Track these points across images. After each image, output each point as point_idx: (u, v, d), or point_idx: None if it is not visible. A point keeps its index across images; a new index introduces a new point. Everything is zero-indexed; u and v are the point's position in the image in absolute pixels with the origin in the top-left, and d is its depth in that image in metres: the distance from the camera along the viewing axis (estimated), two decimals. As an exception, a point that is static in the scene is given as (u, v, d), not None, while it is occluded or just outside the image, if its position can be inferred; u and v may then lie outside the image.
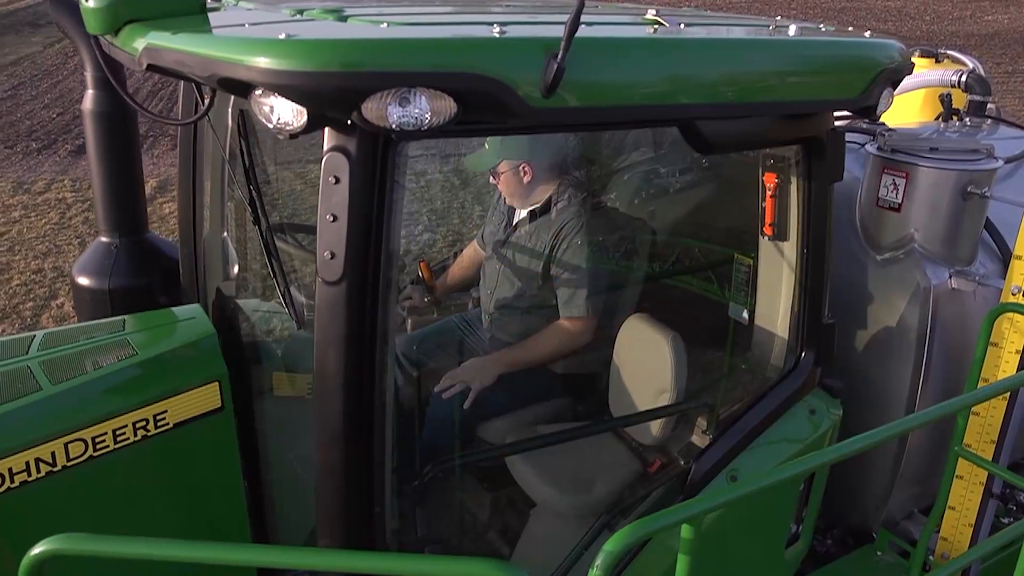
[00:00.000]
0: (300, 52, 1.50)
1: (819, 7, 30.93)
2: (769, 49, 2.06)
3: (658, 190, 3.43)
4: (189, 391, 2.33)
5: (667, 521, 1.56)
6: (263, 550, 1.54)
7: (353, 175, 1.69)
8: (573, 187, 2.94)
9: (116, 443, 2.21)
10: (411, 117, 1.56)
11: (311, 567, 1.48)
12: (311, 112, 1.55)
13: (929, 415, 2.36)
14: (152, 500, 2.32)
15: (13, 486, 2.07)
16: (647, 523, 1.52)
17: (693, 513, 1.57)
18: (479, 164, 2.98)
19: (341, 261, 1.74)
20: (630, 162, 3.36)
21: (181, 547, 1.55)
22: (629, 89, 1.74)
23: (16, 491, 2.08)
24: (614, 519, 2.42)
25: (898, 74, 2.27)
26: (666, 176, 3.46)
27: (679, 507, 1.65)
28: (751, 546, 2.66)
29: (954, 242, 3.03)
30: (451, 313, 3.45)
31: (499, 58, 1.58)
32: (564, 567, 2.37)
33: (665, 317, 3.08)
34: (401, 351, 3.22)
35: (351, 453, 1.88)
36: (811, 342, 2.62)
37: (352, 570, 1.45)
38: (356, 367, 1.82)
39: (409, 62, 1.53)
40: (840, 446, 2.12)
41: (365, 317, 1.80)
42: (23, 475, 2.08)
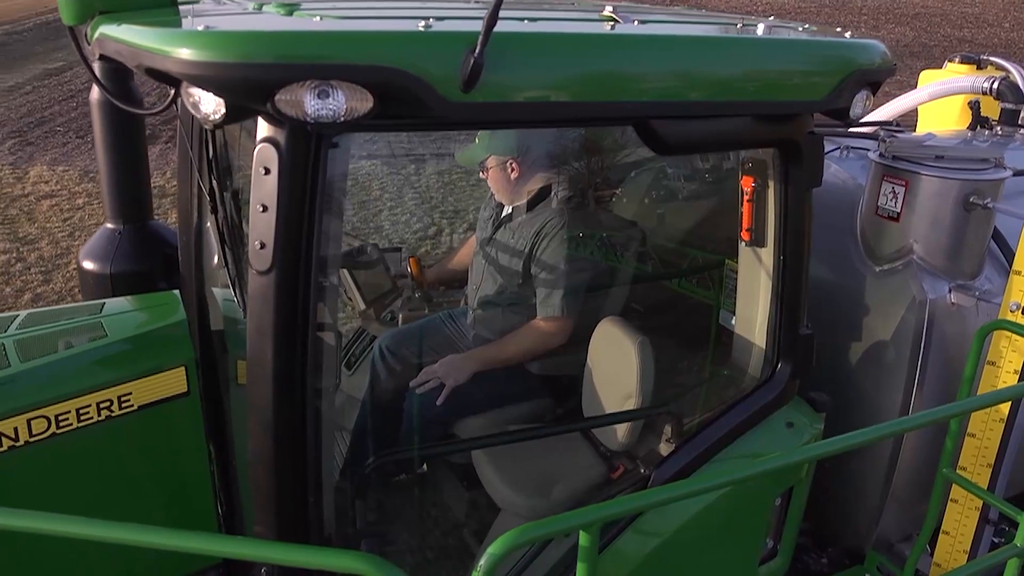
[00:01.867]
0: (214, 43, 1.52)
1: (891, 12, 30.08)
2: (723, 47, 2.00)
3: (659, 192, 3.37)
4: (155, 375, 2.38)
5: (560, 526, 1.53)
6: (126, 528, 1.52)
7: (282, 166, 1.70)
8: (560, 185, 2.92)
9: (79, 422, 2.28)
10: (327, 110, 1.56)
11: (179, 548, 1.49)
12: (228, 103, 1.56)
13: (899, 425, 2.28)
14: (114, 480, 2.38)
15: (-23, 458, 2.16)
16: (536, 527, 1.49)
17: (589, 520, 1.53)
18: (468, 158, 2.97)
19: (270, 251, 1.75)
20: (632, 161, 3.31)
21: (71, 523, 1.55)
22: (561, 86, 1.70)
23: (-20, 463, 2.16)
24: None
25: (875, 76, 2.17)
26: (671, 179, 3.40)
27: (576, 512, 1.61)
28: (717, 559, 2.59)
29: (957, 255, 2.90)
30: (443, 309, 3.45)
31: (416, 52, 1.57)
32: (514, 571, 2.35)
33: (653, 321, 3.03)
34: (387, 345, 3.24)
35: (282, 442, 1.89)
36: (788, 353, 2.54)
37: (223, 555, 1.46)
38: (287, 356, 1.83)
39: (323, 54, 1.54)
40: (784, 455, 2.05)
41: (296, 306, 1.81)
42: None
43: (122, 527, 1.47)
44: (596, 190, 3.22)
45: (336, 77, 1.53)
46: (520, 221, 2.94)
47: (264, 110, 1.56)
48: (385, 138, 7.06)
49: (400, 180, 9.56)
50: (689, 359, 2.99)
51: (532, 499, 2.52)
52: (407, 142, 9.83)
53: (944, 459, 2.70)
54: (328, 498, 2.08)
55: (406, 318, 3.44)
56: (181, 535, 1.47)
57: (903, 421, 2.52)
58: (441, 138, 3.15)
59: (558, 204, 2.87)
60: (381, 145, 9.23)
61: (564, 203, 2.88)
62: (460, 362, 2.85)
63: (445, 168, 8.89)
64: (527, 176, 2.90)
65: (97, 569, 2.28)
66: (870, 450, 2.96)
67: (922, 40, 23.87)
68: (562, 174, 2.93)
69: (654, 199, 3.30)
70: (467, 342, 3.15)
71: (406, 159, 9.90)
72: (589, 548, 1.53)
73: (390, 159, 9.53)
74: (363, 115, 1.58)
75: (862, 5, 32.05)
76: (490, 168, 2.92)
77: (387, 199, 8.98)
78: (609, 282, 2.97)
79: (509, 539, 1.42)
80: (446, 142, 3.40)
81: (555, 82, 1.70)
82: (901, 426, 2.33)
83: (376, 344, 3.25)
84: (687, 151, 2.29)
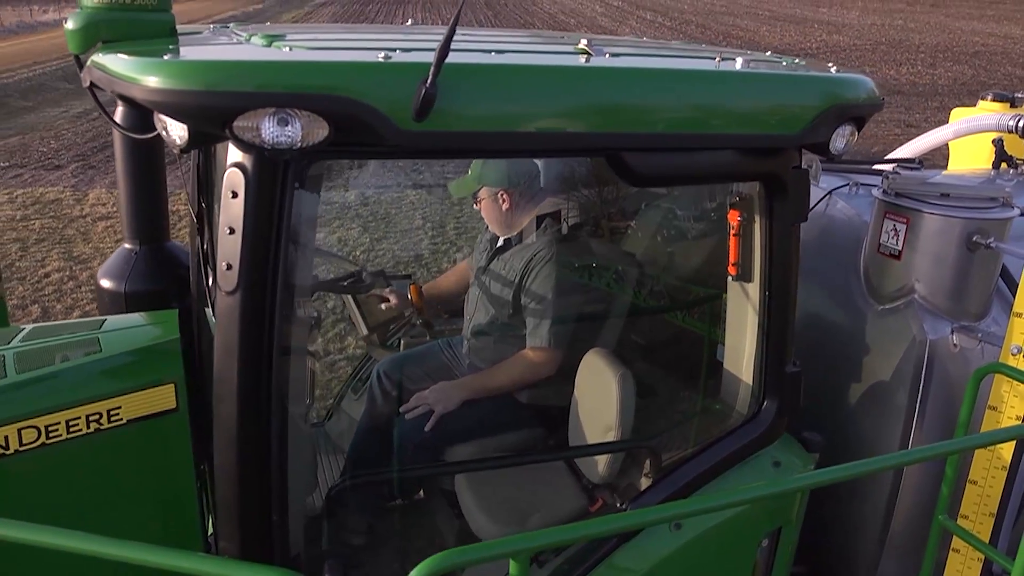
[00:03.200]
0: (176, 72, 1.59)
1: (949, 50, 29.57)
2: (692, 80, 2.01)
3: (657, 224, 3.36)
4: (145, 390, 2.45)
5: (488, 553, 1.52)
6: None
7: (248, 191, 1.76)
8: (551, 216, 2.94)
9: (68, 433, 2.35)
10: (284, 137, 1.62)
11: (68, 549, 1.51)
12: (191, 129, 1.63)
13: (881, 463, 2.22)
14: (100, 492, 2.44)
15: (-33, 465, 2.24)
16: (463, 552, 1.49)
17: (519, 548, 1.52)
18: (461, 189, 3.02)
19: (236, 272, 1.81)
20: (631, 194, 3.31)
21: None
22: (515, 117, 1.74)
23: (-32, 469, 2.25)
24: (543, 554, 2.36)
25: (857, 112, 2.15)
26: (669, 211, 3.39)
27: (506, 540, 1.60)
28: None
29: (961, 295, 2.82)
30: (444, 336, 3.48)
31: (370, 82, 1.62)
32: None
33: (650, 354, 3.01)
34: (385, 370, 3.29)
35: (246, 460, 1.93)
36: (774, 390, 2.50)
37: (136, 562, 1.49)
38: (252, 375, 1.88)
39: (279, 83, 1.60)
40: (750, 487, 2.02)
41: (262, 327, 1.86)
42: (-24, 454, 2.25)
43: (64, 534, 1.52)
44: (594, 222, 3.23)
45: (292, 105, 1.59)
46: (512, 251, 2.97)
47: (224, 136, 1.62)
48: (387, 166, 7.23)
49: (409, 207, 9.77)
50: (682, 393, 2.96)
51: (507, 528, 2.51)
52: (414, 170, 10.08)
53: (940, 506, 2.61)
54: (296, 518, 2.12)
55: (407, 344, 3.49)
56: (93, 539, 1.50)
57: (886, 458, 2.45)
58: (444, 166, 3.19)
59: (549, 235, 2.89)
60: (388, 172, 9.49)
61: (555, 234, 2.90)
62: (450, 389, 2.87)
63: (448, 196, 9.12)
64: (518, 207, 2.94)
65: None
66: (866, 494, 2.88)
67: (980, 79, 23.37)
68: (553, 206, 2.96)
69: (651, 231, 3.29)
70: (462, 370, 3.17)
71: (412, 187, 10.13)
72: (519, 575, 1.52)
73: (392, 187, 9.78)
74: (319, 142, 1.63)
75: (919, 43, 31.60)
76: (482, 199, 2.96)
77: (396, 225, 9.20)
78: (601, 313, 2.96)
79: (435, 562, 1.42)
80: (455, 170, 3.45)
81: (509, 113, 1.73)
82: (883, 463, 2.27)
83: (375, 369, 3.29)
84: (660, 183, 2.29)
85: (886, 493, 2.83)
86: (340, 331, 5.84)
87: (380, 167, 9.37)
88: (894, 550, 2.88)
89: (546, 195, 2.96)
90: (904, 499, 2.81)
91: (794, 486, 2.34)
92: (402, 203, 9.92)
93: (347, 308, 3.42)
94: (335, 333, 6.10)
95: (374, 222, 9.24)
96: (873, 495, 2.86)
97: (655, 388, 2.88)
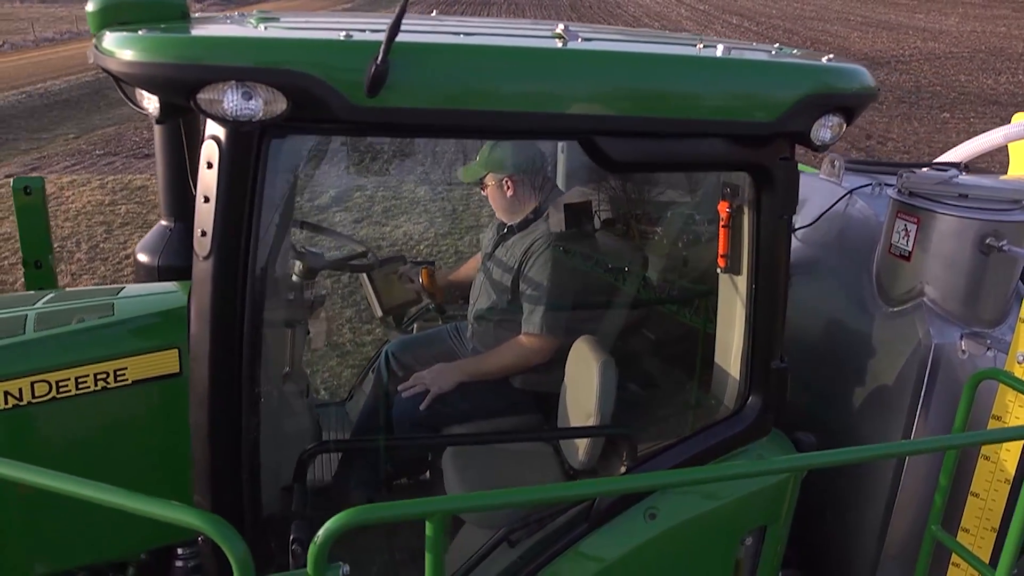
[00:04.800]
0: (145, 46, 1.70)
1: (1003, 54, 27.98)
2: (662, 65, 2.00)
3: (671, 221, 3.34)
4: (150, 353, 2.59)
5: (403, 511, 1.56)
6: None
7: (222, 162, 1.86)
8: (553, 205, 2.96)
9: (77, 389, 2.51)
10: (247, 109, 1.71)
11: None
12: (161, 100, 1.74)
13: (856, 453, 2.18)
14: (103, 446, 2.60)
15: (-18, 412, 2.43)
16: (375, 509, 1.54)
17: (432, 509, 1.56)
18: (468, 175, 3.08)
19: (210, 239, 1.91)
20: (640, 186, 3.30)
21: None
22: (467, 95, 1.77)
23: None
24: (515, 534, 2.39)
25: (842, 101, 2.10)
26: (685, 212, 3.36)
27: (421, 501, 1.64)
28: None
29: (974, 300, 2.72)
30: (457, 320, 3.55)
31: (325, 59, 1.70)
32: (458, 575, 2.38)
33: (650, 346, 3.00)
34: (393, 351, 3.37)
35: (218, 419, 2.03)
36: (760, 386, 2.46)
37: (69, 494, 1.60)
38: (224, 338, 1.98)
39: (239, 58, 1.69)
40: (705, 469, 2.01)
41: (235, 291, 1.96)
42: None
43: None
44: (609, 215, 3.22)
45: (251, 79, 1.68)
46: (515, 238, 3.01)
47: (190, 108, 1.72)
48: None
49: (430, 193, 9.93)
50: (672, 385, 2.94)
51: (483, 507, 2.54)
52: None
53: (933, 516, 2.52)
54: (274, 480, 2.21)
55: (420, 327, 3.56)
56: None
57: (864, 449, 2.39)
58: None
59: (549, 223, 2.91)
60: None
61: (555, 222, 2.92)
62: (447, 371, 2.93)
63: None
64: (521, 194, 2.97)
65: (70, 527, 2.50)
66: (863, 503, 2.80)
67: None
68: (556, 194, 2.98)
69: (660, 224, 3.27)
70: (466, 354, 3.23)
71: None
72: (434, 538, 1.56)
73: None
74: (278, 115, 1.72)
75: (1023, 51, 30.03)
76: (488, 185, 3.01)
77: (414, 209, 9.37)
78: (596, 303, 2.97)
79: (347, 516, 1.48)
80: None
81: (462, 91, 1.77)
82: (861, 454, 2.23)
83: (384, 349, 3.38)
84: (636, 169, 2.29)
85: (883, 502, 2.75)
86: (364, 313, 6.00)
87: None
88: (891, 560, 2.79)
89: (552, 184, 2.99)
90: (901, 509, 2.72)
91: (770, 468, 2.31)
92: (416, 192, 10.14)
93: (363, 289, 3.52)
94: (355, 313, 6.26)
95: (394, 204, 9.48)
96: (870, 504, 2.78)
97: (644, 379, 2.87)
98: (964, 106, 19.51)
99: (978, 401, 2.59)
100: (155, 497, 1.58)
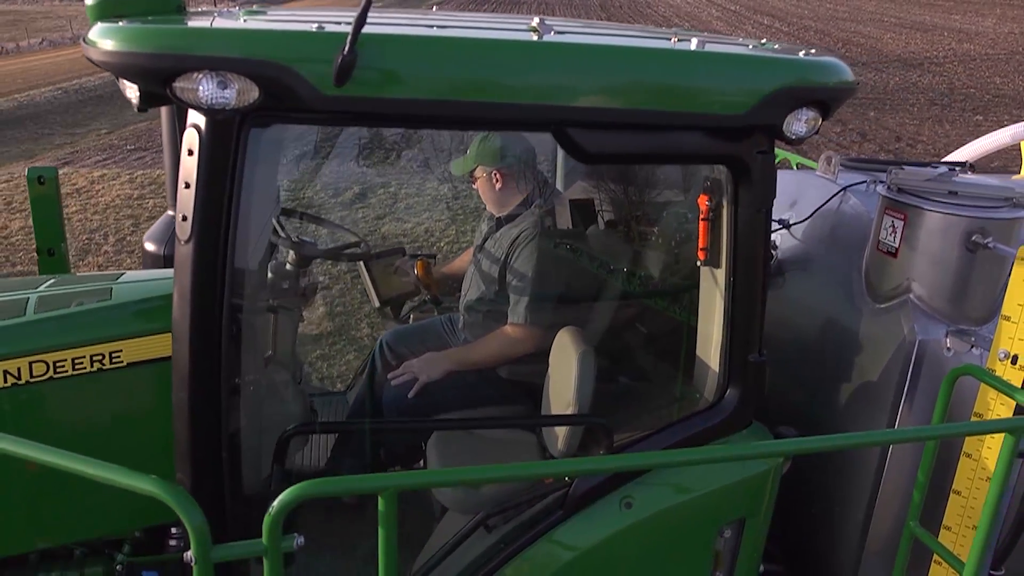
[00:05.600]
0: (124, 37, 1.77)
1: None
2: (629, 58, 2.03)
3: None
4: (145, 337, 2.68)
5: (354, 486, 1.61)
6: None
7: (202, 150, 1.93)
8: (541, 198, 3.00)
9: (74, 370, 2.60)
10: (221, 98, 1.77)
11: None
12: (140, 89, 1.81)
13: (829, 441, 2.20)
14: (99, 425, 2.69)
15: (-18, 390, 2.53)
16: (329, 483, 1.58)
17: (385, 485, 1.60)
18: (458, 168, 3.13)
19: (190, 223, 1.98)
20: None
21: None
22: (432, 85, 1.82)
23: (-17, 394, 2.53)
24: (492, 519, 2.44)
25: (815, 95, 2.11)
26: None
27: (372, 476, 1.68)
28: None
29: (961, 298, 2.71)
30: (451, 311, 3.60)
31: (294, 50, 1.76)
32: (434, 560, 2.43)
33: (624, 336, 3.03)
34: (387, 341, 3.44)
35: (196, 397, 2.10)
36: (737, 379, 2.48)
37: (34, 460, 1.67)
38: (203, 317, 2.05)
39: (212, 48, 1.75)
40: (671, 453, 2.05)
41: (214, 274, 2.02)
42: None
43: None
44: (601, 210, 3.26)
45: (223, 68, 1.74)
46: (503, 230, 3.05)
47: (167, 96, 1.79)
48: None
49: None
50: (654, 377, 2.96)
51: (461, 493, 2.59)
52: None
53: (912, 512, 2.52)
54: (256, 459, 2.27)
55: (416, 318, 3.62)
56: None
57: (836, 438, 2.41)
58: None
59: (536, 216, 2.95)
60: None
61: (542, 215, 2.96)
62: (436, 360, 2.99)
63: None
64: (509, 187, 3.02)
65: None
66: (846, 498, 2.80)
67: None
68: (544, 187, 3.01)
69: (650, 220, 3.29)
70: (457, 344, 3.28)
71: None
72: (386, 513, 1.61)
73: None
74: (251, 104, 1.78)
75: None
76: (478, 178, 3.06)
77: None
78: (580, 295, 3.00)
79: (301, 489, 1.53)
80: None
81: (429, 82, 1.82)
82: (834, 443, 2.25)
83: (379, 339, 3.45)
84: (610, 161, 2.31)
85: (865, 499, 2.74)
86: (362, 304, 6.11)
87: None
88: (874, 556, 2.79)
89: (542, 177, 3.03)
90: (883, 505, 2.72)
91: (743, 453, 2.34)
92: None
93: (362, 280, 3.58)
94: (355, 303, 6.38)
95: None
96: (853, 500, 2.78)
97: (628, 370, 2.90)
98: (998, 108, 19.16)
99: (964, 399, 2.59)
100: (119, 466, 1.64)
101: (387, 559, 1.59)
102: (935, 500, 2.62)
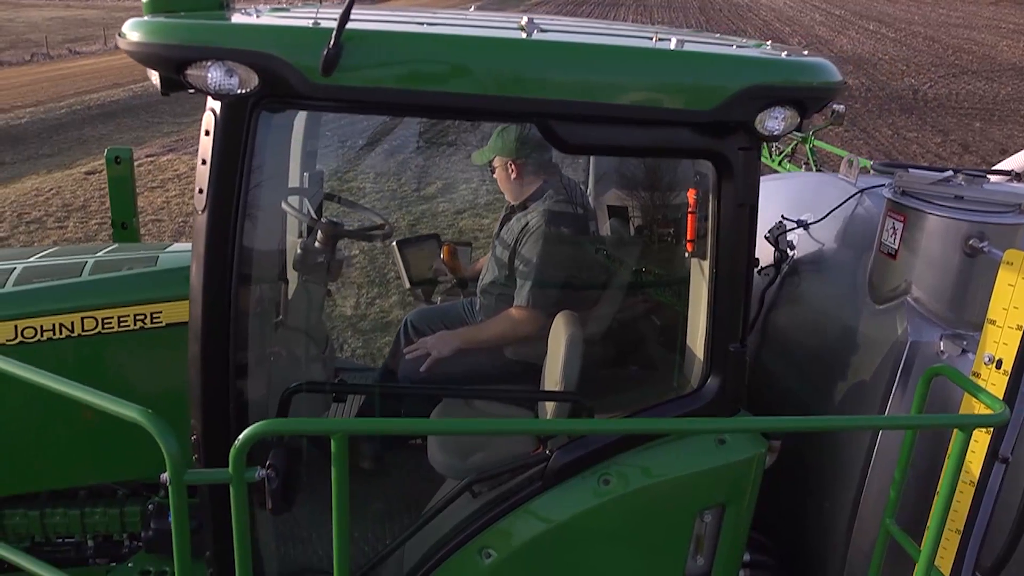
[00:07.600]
0: (144, 30, 2.04)
1: None
2: (602, 55, 2.15)
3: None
4: (183, 300, 2.97)
5: (308, 427, 1.80)
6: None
7: (217, 130, 2.17)
8: (553, 188, 3.15)
9: (119, 326, 2.93)
10: (228, 85, 2.02)
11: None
12: (160, 75, 2.07)
13: (800, 423, 2.28)
14: (136, 378, 3.00)
15: (42, 339, 2.87)
16: (286, 424, 1.78)
17: (334, 428, 1.78)
18: (478, 158, 3.31)
19: (206, 196, 2.23)
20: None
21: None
22: (418, 78, 2.00)
23: (43, 344, 2.87)
24: (476, 485, 2.60)
25: (789, 94, 2.19)
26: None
27: (327, 420, 1.87)
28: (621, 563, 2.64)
29: (959, 302, 2.70)
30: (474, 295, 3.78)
31: (288, 42, 1.98)
32: (422, 520, 2.62)
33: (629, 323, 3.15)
34: (412, 320, 3.66)
35: (207, 350, 2.35)
36: (718, 367, 2.56)
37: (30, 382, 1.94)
38: (215, 280, 2.30)
39: (218, 40, 1.99)
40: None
41: (227, 241, 2.27)
42: (50, 333, 2.87)
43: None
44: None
45: (227, 58, 1.98)
46: (516, 217, 3.22)
47: (182, 82, 2.04)
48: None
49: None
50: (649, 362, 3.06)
51: (451, 458, 2.77)
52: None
53: (888, 509, 2.54)
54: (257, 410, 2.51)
55: (443, 300, 3.84)
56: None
57: (810, 420, 2.47)
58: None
59: (545, 205, 3.10)
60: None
61: (552, 204, 3.11)
62: (447, 338, 3.18)
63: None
64: (524, 177, 3.18)
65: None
66: (834, 492, 2.84)
67: None
68: (556, 178, 3.16)
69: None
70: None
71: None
72: (338, 454, 1.79)
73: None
74: (252, 91, 2.01)
75: None
76: (496, 168, 3.24)
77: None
78: (586, 281, 3.13)
79: (263, 426, 1.73)
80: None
81: (409, 74, 2.01)
82: (809, 424, 2.33)
83: (404, 318, 3.67)
84: (589, 152, 2.44)
85: (851, 495, 2.77)
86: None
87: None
88: (860, 552, 2.81)
89: (556, 168, 3.19)
90: (867, 502, 2.74)
91: (710, 427, 2.44)
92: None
93: (395, 263, 3.82)
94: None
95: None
96: (839, 496, 2.81)
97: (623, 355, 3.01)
98: (1117, 121, 17.97)
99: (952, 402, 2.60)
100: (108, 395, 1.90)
101: (339, 497, 1.78)
102: (926, 503, 2.63)
